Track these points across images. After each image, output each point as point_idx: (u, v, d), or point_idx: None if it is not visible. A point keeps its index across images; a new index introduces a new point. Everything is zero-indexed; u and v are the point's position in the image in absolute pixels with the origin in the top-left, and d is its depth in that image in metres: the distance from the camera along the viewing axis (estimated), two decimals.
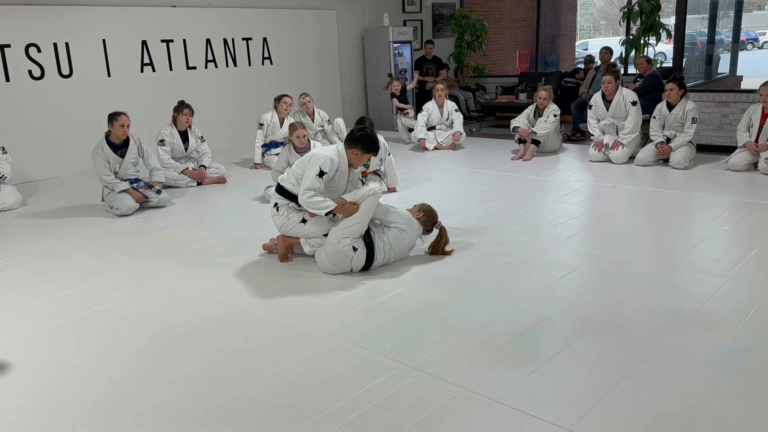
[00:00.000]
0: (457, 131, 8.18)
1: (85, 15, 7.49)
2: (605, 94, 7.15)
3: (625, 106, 7.07)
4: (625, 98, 7.07)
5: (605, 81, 7.10)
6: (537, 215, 5.22)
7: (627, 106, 7.06)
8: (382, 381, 2.75)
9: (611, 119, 7.16)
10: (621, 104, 7.07)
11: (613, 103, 7.10)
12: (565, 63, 15.57)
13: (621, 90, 7.11)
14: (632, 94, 7.12)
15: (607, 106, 7.16)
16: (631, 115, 7.04)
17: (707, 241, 4.43)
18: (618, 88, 7.09)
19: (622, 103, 7.07)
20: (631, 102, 7.04)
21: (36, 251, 4.74)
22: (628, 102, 7.05)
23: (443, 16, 12.16)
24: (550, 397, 2.58)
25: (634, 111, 7.02)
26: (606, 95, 7.14)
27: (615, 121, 7.14)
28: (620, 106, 7.08)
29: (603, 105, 7.18)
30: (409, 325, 3.29)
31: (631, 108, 7.04)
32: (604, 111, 7.18)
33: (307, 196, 3.94)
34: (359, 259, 3.96)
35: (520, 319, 3.28)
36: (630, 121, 7.03)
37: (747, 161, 6.38)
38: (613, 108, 7.11)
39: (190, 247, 4.69)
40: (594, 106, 7.28)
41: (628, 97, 7.07)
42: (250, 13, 9.18)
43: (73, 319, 3.52)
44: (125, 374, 2.92)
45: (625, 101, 7.06)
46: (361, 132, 4.07)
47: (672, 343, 2.99)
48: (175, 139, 6.70)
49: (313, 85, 9.74)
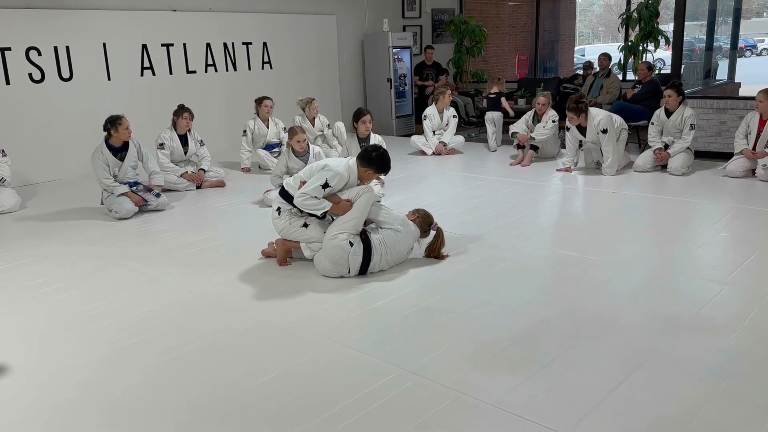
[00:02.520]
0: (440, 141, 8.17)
1: (86, 18, 7.51)
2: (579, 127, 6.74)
3: (597, 134, 6.64)
4: (597, 126, 6.62)
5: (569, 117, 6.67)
6: (535, 220, 5.23)
7: (598, 134, 6.63)
8: (381, 385, 2.75)
9: (590, 143, 6.79)
10: (593, 130, 6.65)
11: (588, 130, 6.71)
12: (564, 69, 15.62)
13: (591, 118, 6.64)
14: (604, 121, 6.60)
15: (583, 132, 6.77)
16: (603, 142, 6.62)
17: (705, 247, 4.44)
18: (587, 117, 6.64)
19: (594, 130, 6.64)
20: (602, 130, 6.59)
21: (35, 254, 4.75)
22: (599, 130, 6.61)
23: (443, 22, 12.20)
24: (548, 402, 2.59)
25: (605, 138, 6.59)
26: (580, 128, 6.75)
27: (594, 144, 6.79)
28: (592, 131, 6.65)
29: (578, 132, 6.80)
30: (408, 329, 3.29)
31: (601, 135, 6.60)
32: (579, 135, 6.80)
33: (302, 198, 3.97)
34: (356, 256, 3.96)
35: (518, 324, 3.29)
36: (607, 150, 6.62)
37: (745, 168, 6.40)
38: (589, 134, 6.73)
39: (189, 251, 4.70)
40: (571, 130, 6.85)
41: (600, 125, 6.61)
42: (250, 17, 9.21)
43: (71, 322, 3.52)
44: (123, 377, 2.92)
45: (597, 129, 6.62)
46: (376, 153, 4.10)
47: (669, 348, 3.00)
48: (174, 142, 6.72)
49: (312, 89, 9.76)
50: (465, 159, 8.05)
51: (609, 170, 6.70)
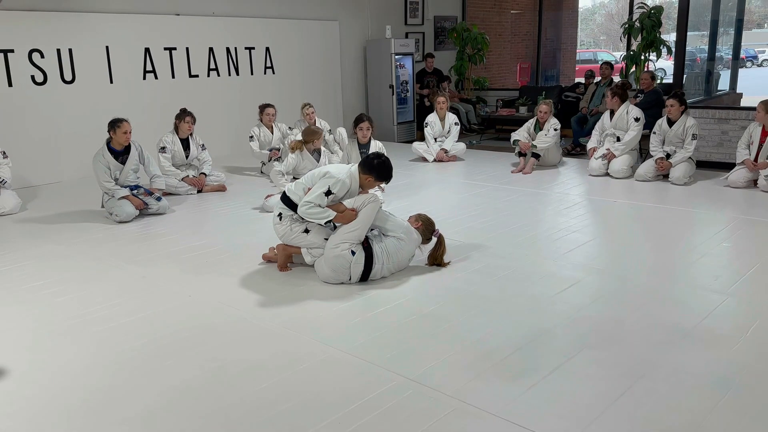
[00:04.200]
0: (442, 148, 8.21)
1: (89, 21, 7.52)
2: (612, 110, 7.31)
3: (628, 121, 7.15)
4: (630, 113, 7.16)
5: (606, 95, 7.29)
6: (537, 228, 5.22)
7: (629, 121, 7.14)
8: (381, 393, 2.73)
9: (612, 130, 7.26)
10: (624, 116, 7.16)
11: (616, 115, 7.25)
12: (566, 77, 15.65)
13: (627, 104, 7.23)
14: (638, 110, 7.19)
15: (611, 118, 7.32)
16: (631, 129, 7.12)
17: (707, 257, 4.43)
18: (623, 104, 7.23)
19: (625, 116, 7.15)
20: (634, 118, 7.11)
21: (35, 256, 4.73)
22: (631, 117, 7.13)
23: (445, 29, 12.23)
24: (549, 412, 2.57)
25: (635, 126, 7.09)
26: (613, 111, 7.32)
27: (617, 132, 7.23)
28: (623, 118, 7.17)
29: (608, 118, 7.34)
30: (408, 337, 3.28)
31: (632, 123, 7.11)
32: (608, 122, 7.33)
33: (306, 207, 3.96)
34: (358, 264, 3.95)
35: (520, 332, 3.27)
36: (628, 134, 7.12)
37: (747, 178, 6.40)
38: (615, 119, 7.25)
39: (189, 255, 4.69)
40: (601, 121, 7.47)
41: (632, 112, 7.15)
42: (254, 22, 9.23)
43: (70, 325, 3.50)
44: (121, 381, 2.90)
45: (629, 115, 7.15)
46: (378, 160, 4.09)
47: (671, 358, 2.98)
48: (176, 146, 6.71)
49: (314, 94, 9.77)
50: (466, 166, 8.04)
51: (621, 147, 7.08)
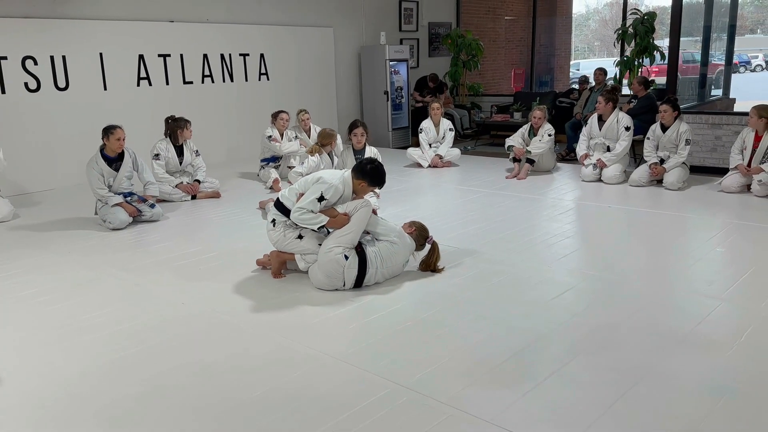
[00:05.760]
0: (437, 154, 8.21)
1: (83, 28, 7.50)
2: (600, 115, 7.22)
3: (618, 131, 7.09)
4: (620, 122, 7.11)
5: (599, 101, 7.19)
6: (531, 234, 5.22)
7: (620, 130, 7.08)
8: (375, 400, 2.72)
9: (602, 139, 7.21)
10: (614, 126, 7.12)
11: (606, 124, 7.17)
12: (560, 83, 15.69)
13: (617, 112, 7.17)
14: (628, 118, 7.16)
15: (600, 125, 7.23)
16: (621, 139, 7.07)
17: (701, 262, 4.43)
18: (614, 111, 7.16)
19: (615, 125, 7.11)
20: (625, 127, 7.07)
21: (28, 264, 4.70)
22: (621, 126, 7.08)
23: (439, 35, 12.26)
24: (544, 418, 2.56)
25: (624, 134, 7.04)
26: (601, 116, 7.21)
27: (606, 141, 7.19)
28: (613, 128, 7.12)
29: (596, 125, 7.27)
30: (403, 344, 3.26)
31: (623, 132, 7.06)
32: (597, 130, 7.25)
33: (299, 213, 3.95)
34: (351, 269, 3.93)
35: (515, 339, 3.26)
36: (619, 144, 7.06)
37: (740, 183, 6.42)
38: (605, 128, 7.17)
39: (183, 262, 4.67)
40: (589, 125, 7.38)
41: (623, 121, 7.11)
42: (248, 29, 9.23)
43: (63, 333, 3.48)
44: (115, 388, 2.88)
45: (619, 125, 7.10)
46: (370, 165, 4.09)
47: (666, 364, 2.98)
48: (170, 153, 6.69)
49: (309, 101, 9.77)
50: (461, 172, 8.05)
51: (612, 158, 7.05)
